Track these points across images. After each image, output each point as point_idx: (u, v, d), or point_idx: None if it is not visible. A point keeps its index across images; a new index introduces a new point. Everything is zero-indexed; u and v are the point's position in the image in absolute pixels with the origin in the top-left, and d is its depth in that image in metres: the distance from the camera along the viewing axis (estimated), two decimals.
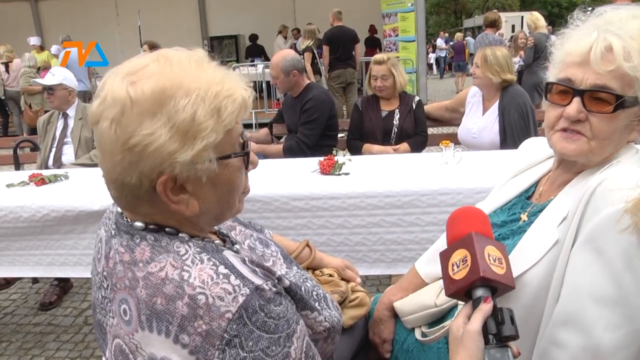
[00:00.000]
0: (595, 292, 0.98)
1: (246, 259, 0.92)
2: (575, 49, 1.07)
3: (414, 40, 10.62)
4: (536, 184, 1.34)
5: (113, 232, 0.96)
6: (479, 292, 0.94)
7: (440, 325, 1.33)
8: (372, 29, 11.98)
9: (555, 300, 1.06)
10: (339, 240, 2.32)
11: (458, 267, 0.98)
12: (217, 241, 1.00)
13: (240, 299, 0.80)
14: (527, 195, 1.34)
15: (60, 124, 3.74)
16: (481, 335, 0.88)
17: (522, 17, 15.03)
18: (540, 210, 1.21)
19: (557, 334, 1.01)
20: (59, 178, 2.83)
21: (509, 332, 0.87)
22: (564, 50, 1.12)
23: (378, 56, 3.66)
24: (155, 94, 0.81)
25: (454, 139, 3.99)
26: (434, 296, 1.40)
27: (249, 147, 0.95)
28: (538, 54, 6.52)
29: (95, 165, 3.47)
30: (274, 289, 0.86)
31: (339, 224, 2.30)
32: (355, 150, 3.64)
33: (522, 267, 1.10)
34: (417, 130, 3.63)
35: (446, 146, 2.64)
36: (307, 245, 1.55)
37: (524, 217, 1.26)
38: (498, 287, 0.95)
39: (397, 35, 11.07)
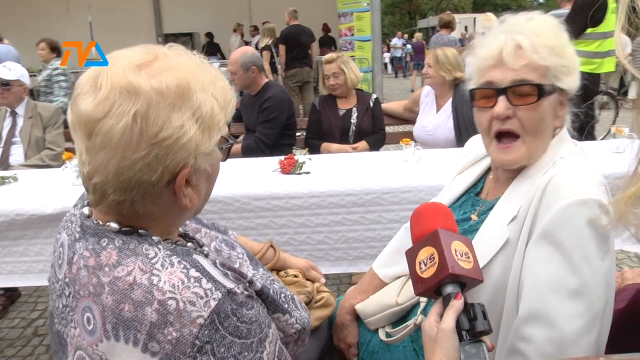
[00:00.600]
0: (556, 285, 1.00)
1: (217, 262, 0.90)
2: (488, 53, 1.15)
3: (370, 40, 10.74)
4: (484, 180, 1.37)
5: (78, 235, 0.91)
6: (449, 289, 0.94)
7: (404, 325, 1.33)
8: (326, 28, 12.00)
9: (515, 298, 1.08)
10: (301, 240, 2.31)
11: (426, 265, 0.97)
12: (190, 244, 0.98)
13: (213, 304, 0.78)
14: (476, 191, 1.36)
15: (7, 122, 3.54)
16: (455, 333, 0.88)
17: (475, 18, 15.45)
18: (489, 210, 1.23)
19: (523, 329, 1.03)
20: (7, 180, 2.68)
21: (482, 327, 0.88)
22: (478, 58, 1.19)
23: (328, 56, 3.71)
24: (180, 87, 0.82)
25: (411, 137, 4.07)
26: (395, 295, 1.41)
27: (232, 140, 0.96)
28: None
29: (47, 166, 3.31)
30: (246, 293, 0.84)
31: (301, 223, 2.29)
32: (314, 149, 3.64)
33: None
34: (375, 129, 3.67)
35: (407, 144, 2.67)
36: (272, 246, 1.54)
37: (474, 217, 1.29)
38: (467, 282, 0.96)
39: (353, 35, 11.16)
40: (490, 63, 1.15)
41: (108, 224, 0.88)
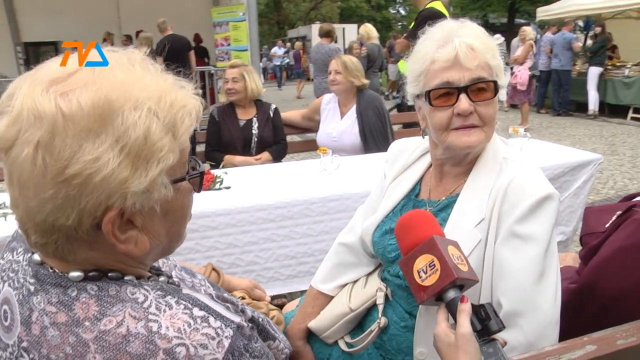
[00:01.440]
0: (531, 275, 1.09)
1: (212, 294, 0.80)
2: (440, 56, 1.20)
3: (247, 50, 10.63)
4: (419, 181, 1.40)
5: (32, 288, 0.73)
6: (451, 294, 0.93)
7: (368, 330, 1.34)
8: (198, 38, 11.58)
9: (489, 290, 1.15)
10: (229, 262, 2.15)
11: (426, 273, 0.96)
12: (162, 278, 0.84)
13: (226, 343, 0.70)
14: (414, 193, 1.39)
15: None
16: (474, 336, 0.87)
17: (344, 28, 16.15)
18: (441, 210, 1.28)
19: (508, 321, 1.07)
20: None
21: (496, 326, 0.88)
22: (424, 61, 1.23)
23: (233, 61, 3.65)
24: (98, 107, 0.64)
25: (312, 145, 4.07)
26: (346, 303, 1.41)
27: (201, 166, 0.81)
28: (371, 62, 6.98)
29: None
30: (249, 325, 0.77)
31: (228, 243, 2.13)
32: (216, 162, 3.48)
33: None
34: (276, 139, 3.61)
35: (324, 153, 2.64)
36: (213, 269, 1.45)
37: None
38: (466, 283, 0.96)
39: (229, 45, 10.97)
40: (445, 64, 1.19)
41: (66, 273, 0.72)
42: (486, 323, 0.88)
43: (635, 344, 0.87)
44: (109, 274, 0.74)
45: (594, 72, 9.89)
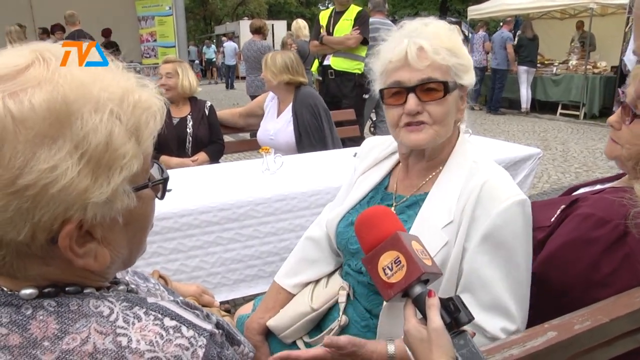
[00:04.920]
0: (505, 282, 1.12)
1: (178, 300, 0.76)
2: (393, 56, 1.23)
3: (174, 46, 10.29)
4: (389, 175, 1.44)
5: None
6: (418, 289, 0.93)
7: (328, 329, 1.34)
8: (107, 33, 10.89)
9: (453, 287, 1.18)
10: (174, 268, 2.07)
11: (391, 269, 0.95)
12: (121, 287, 0.79)
13: (200, 352, 0.67)
14: (383, 186, 1.42)
15: None
16: (446, 329, 0.88)
17: (273, 24, 16.09)
18: (409, 206, 1.30)
19: (482, 325, 1.11)
20: None
21: (466, 318, 0.89)
22: (383, 60, 1.26)
23: (169, 56, 3.53)
24: (54, 109, 0.58)
25: (248, 145, 4.01)
26: (307, 302, 1.41)
27: (166, 172, 0.76)
28: (303, 58, 6.97)
29: None
30: (220, 331, 0.74)
31: (172, 248, 2.05)
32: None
33: None
34: (212, 138, 3.51)
35: (266, 153, 2.60)
36: (160, 276, 1.37)
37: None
38: (430, 278, 0.97)
39: (155, 41, 10.57)
40: (397, 65, 1.22)
41: (16, 291, 0.65)
42: (456, 315, 0.89)
43: (590, 327, 0.93)
44: (67, 289, 0.68)
45: (521, 70, 10.36)
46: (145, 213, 0.74)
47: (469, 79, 1.27)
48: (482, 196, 1.17)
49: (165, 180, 0.76)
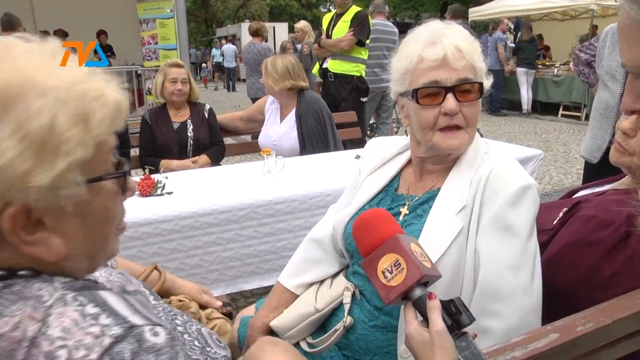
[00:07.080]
0: (511, 263, 1.11)
1: (134, 300, 0.71)
2: (430, 55, 1.20)
3: (176, 49, 10.30)
4: (398, 177, 1.42)
5: None
6: (418, 292, 0.93)
7: (332, 330, 1.32)
8: (100, 34, 10.81)
9: (472, 278, 1.16)
10: (173, 267, 2.07)
11: (391, 273, 0.95)
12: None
13: (107, 342, 0.60)
14: (392, 188, 1.40)
15: None
16: (448, 331, 0.88)
17: (274, 27, 16.11)
18: (422, 204, 1.29)
19: (489, 307, 1.11)
20: None
21: (467, 320, 0.88)
22: (410, 60, 1.23)
23: (176, 60, 3.47)
24: None
25: (249, 147, 4.00)
26: (312, 303, 1.40)
27: (127, 167, 0.76)
28: (314, 61, 6.96)
29: None
30: (164, 337, 0.64)
31: (172, 248, 2.05)
32: (153, 167, 3.33)
33: (433, 258, 1.13)
34: (213, 140, 3.50)
35: (268, 155, 2.60)
36: (156, 268, 1.42)
37: (404, 210, 1.32)
38: (430, 280, 0.96)
39: (156, 43, 10.58)
40: (433, 64, 1.20)
41: None
42: (457, 318, 0.88)
43: (593, 329, 0.92)
44: (19, 272, 0.67)
45: (519, 72, 10.39)
46: (105, 207, 0.73)
47: (488, 82, 1.27)
48: (490, 181, 1.18)
49: (123, 174, 0.74)
